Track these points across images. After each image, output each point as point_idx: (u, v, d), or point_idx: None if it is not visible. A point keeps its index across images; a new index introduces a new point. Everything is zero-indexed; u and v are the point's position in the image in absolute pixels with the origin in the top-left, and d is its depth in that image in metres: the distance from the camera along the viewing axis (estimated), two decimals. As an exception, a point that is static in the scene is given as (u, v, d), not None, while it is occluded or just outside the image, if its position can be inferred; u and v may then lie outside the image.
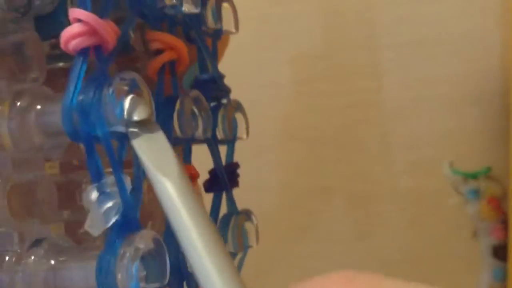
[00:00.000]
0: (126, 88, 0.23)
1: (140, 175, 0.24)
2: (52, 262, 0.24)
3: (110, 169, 0.23)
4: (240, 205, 0.32)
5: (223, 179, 0.31)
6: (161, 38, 0.27)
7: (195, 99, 0.28)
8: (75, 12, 0.23)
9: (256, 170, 0.67)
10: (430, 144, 0.66)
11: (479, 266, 0.62)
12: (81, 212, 0.25)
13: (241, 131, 0.32)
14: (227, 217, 0.31)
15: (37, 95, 0.24)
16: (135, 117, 0.23)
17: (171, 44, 0.28)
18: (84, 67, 0.23)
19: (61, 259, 0.24)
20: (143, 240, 0.23)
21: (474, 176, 0.62)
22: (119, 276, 0.22)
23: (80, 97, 0.23)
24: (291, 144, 0.71)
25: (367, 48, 0.68)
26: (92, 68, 0.24)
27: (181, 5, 0.28)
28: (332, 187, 0.69)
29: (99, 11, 0.24)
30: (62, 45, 0.23)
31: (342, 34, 0.68)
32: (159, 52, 0.28)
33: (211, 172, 0.32)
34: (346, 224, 0.69)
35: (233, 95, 0.33)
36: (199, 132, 0.28)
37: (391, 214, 0.67)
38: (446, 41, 0.66)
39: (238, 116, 0.32)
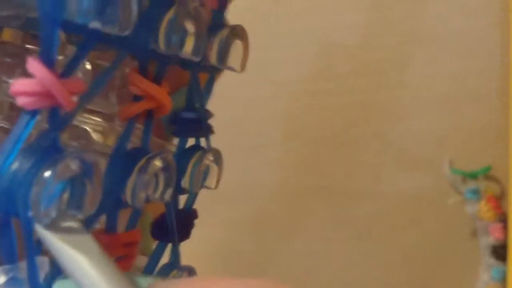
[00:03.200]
0: (75, 170, 0.19)
1: None
2: None
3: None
4: (238, 203, 0.29)
5: (172, 230, 0.28)
6: (143, 86, 0.23)
7: (164, 161, 0.24)
8: (32, 65, 0.18)
9: (254, 169, 0.65)
10: (430, 143, 0.65)
11: (478, 265, 0.62)
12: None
13: (210, 181, 0.28)
14: (167, 270, 0.28)
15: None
16: (70, 212, 0.19)
17: (153, 95, 0.23)
18: (29, 130, 0.19)
19: None
20: None
21: (473, 176, 0.61)
22: None
23: (14, 166, 0.19)
24: (289, 143, 0.69)
25: (366, 47, 0.65)
26: (40, 128, 0.20)
27: (181, 48, 0.23)
28: (331, 186, 0.68)
29: (68, 62, 0.19)
30: (11, 93, 0.19)
31: (340, 33, 0.66)
32: (136, 97, 0.23)
33: (161, 218, 0.28)
34: (344, 223, 0.67)
35: (232, 94, 0.29)
36: (155, 196, 0.24)
37: (391, 214, 0.66)
38: (445, 40, 0.63)
39: (212, 168, 0.28)
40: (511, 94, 0.57)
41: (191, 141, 0.28)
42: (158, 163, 0.24)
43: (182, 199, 0.29)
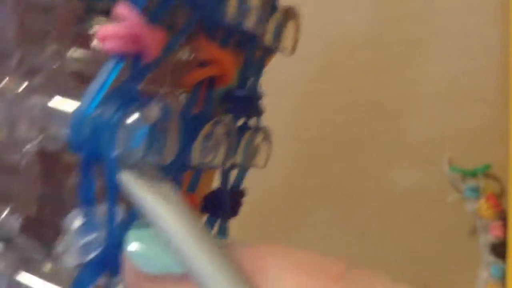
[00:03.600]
0: (155, 117, 0.19)
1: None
2: (9, 271, 0.20)
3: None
4: None
5: (225, 205, 0.28)
6: (211, 51, 0.23)
7: (227, 126, 0.24)
8: (121, 8, 0.19)
9: (254, 169, 0.67)
10: (429, 142, 0.64)
11: (478, 263, 0.61)
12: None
13: (260, 159, 0.29)
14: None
15: (53, 81, 0.20)
16: (152, 158, 0.19)
17: (219, 61, 0.24)
18: (114, 75, 0.19)
19: (21, 272, 0.20)
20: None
21: (473, 174, 0.60)
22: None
23: (98, 110, 0.19)
24: (289, 142, 0.69)
25: (366, 46, 0.66)
26: (123, 75, 0.20)
27: (244, 21, 0.24)
28: (331, 185, 0.68)
29: (151, 13, 0.20)
30: (97, 39, 0.20)
31: (340, 32, 0.66)
32: (202, 63, 0.24)
33: (214, 193, 0.28)
34: (343, 222, 0.67)
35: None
36: (217, 161, 0.25)
37: (390, 212, 0.66)
38: (445, 39, 0.63)
39: (263, 145, 0.28)
40: (511, 93, 0.58)
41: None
42: (221, 129, 0.24)
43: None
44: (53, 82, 0.20)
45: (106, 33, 0.19)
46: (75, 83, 0.21)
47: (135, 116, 0.19)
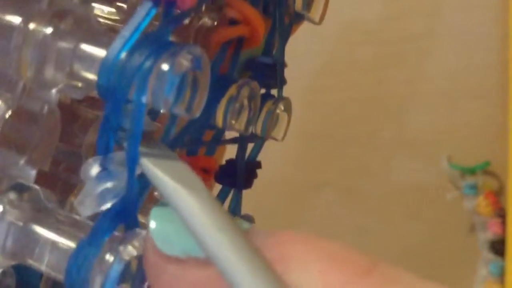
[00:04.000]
0: (188, 66, 0.19)
1: None
2: (24, 220, 0.20)
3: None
4: None
5: (240, 176, 0.27)
6: (242, 8, 0.23)
7: (251, 90, 0.24)
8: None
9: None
10: (429, 139, 0.65)
11: (476, 261, 0.62)
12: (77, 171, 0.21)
13: (278, 131, 0.28)
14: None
15: (81, 26, 0.19)
16: (181, 110, 0.19)
17: (249, 19, 0.23)
18: (149, 19, 0.19)
19: (35, 221, 0.20)
20: (134, 246, 0.19)
21: (472, 171, 0.61)
22: (95, 278, 0.18)
23: (130, 55, 0.18)
24: (288, 139, 0.70)
25: (365, 42, 0.66)
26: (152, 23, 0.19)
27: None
28: (330, 182, 0.68)
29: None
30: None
31: (339, 30, 0.66)
32: (232, 21, 0.23)
33: (229, 164, 0.28)
34: (343, 219, 0.68)
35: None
36: (239, 126, 0.24)
37: (389, 209, 0.66)
38: (444, 36, 0.64)
39: (283, 116, 0.28)
40: (510, 90, 0.57)
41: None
42: (246, 91, 0.23)
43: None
44: (82, 26, 0.19)
45: (143, -24, 0.18)
46: (104, 29, 0.20)
47: (168, 63, 0.18)
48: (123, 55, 0.18)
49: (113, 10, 0.25)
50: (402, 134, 0.67)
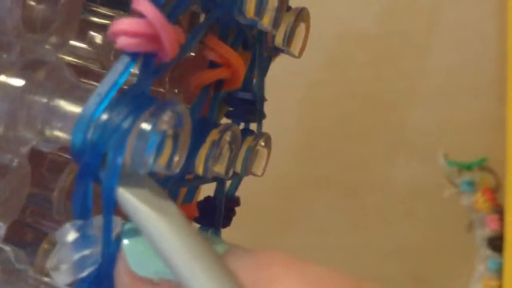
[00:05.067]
0: (169, 124, 0.18)
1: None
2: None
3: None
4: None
5: (219, 216, 0.26)
6: (222, 52, 0.22)
7: (233, 134, 0.23)
8: (140, 4, 0.17)
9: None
10: (426, 135, 0.65)
11: (473, 257, 0.62)
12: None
13: (258, 166, 0.27)
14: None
15: (54, 78, 0.18)
16: (160, 167, 0.18)
17: (230, 63, 0.22)
18: (127, 75, 0.18)
19: (4, 285, 0.18)
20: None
21: (468, 167, 0.61)
22: None
23: (107, 114, 0.17)
24: (286, 135, 0.68)
25: (362, 38, 0.66)
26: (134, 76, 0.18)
27: (260, 20, 0.22)
28: (327, 178, 0.68)
29: (169, 11, 0.18)
30: (109, 34, 0.18)
31: (336, 24, 0.66)
32: (212, 64, 0.22)
33: (207, 202, 0.27)
34: (340, 215, 0.68)
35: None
36: (220, 170, 0.23)
37: (386, 205, 0.66)
38: (442, 31, 0.64)
39: (263, 152, 0.27)
40: (508, 86, 0.57)
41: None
42: (228, 136, 0.23)
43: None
44: (55, 78, 0.18)
45: (123, 29, 0.17)
46: (79, 80, 0.19)
47: (149, 122, 0.17)
48: (100, 113, 0.17)
49: (85, 46, 0.24)
50: (400, 131, 0.66)
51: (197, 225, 0.27)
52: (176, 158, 0.18)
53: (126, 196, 0.17)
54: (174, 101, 0.18)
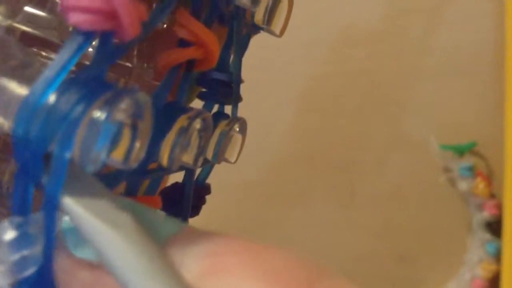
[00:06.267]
0: (127, 114, 0.16)
1: None
2: None
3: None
4: (224, 171, 0.26)
5: (186, 207, 0.24)
6: (194, 29, 0.19)
7: (204, 122, 0.21)
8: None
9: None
10: (418, 116, 0.64)
11: (459, 240, 0.62)
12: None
13: (231, 153, 0.25)
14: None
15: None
16: (116, 161, 0.16)
17: (202, 41, 0.20)
18: (78, 56, 0.15)
19: None
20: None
21: (461, 150, 0.60)
22: None
23: (53, 98, 0.15)
24: (277, 111, 0.68)
25: (357, 17, 0.65)
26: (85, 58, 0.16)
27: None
28: (317, 155, 0.67)
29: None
30: (60, 8, 0.15)
31: (331, 4, 0.66)
32: (183, 42, 0.20)
33: (174, 188, 0.25)
34: (329, 192, 0.67)
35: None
36: (188, 160, 0.21)
37: (375, 184, 0.66)
38: (437, 12, 0.63)
39: (237, 139, 0.25)
40: (507, 68, 0.56)
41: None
42: (198, 123, 0.20)
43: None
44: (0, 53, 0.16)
45: (75, 4, 0.15)
46: (36, 55, 0.17)
47: (103, 109, 0.15)
48: (46, 99, 0.15)
49: (44, 14, 0.21)
50: (391, 110, 0.65)
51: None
52: (134, 151, 0.16)
53: (72, 207, 0.15)
54: (134, 88, 0.16)
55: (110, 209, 0.16)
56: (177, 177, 0.25)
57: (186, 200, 0.24)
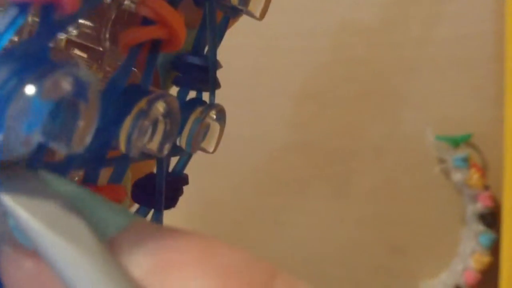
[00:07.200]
0: (65, 90, 0.14)
1: None
2: None
3: None
4: (217, 155, 0.25)
5: (159, 198, 0.23)
6: (156, 7, 0.18)
7: (168, 105, 0.19)
8: None
9: (236, 123, 0.65)
10: (415, 107, 0.64)
11: (452, 231, 0.62)
12: None
13: (208, 142, 0.24)
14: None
15: None
16: (58, 144, 0.15)
17: (165, 20, 0.19)
18: (14, 29, 0.14)
19: None
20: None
21: (456, 142, 0.60)
22: None
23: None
24: (272, 98, 0.68)
25: (356, 6, 0.64)
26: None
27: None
28: (313, 144, 0.67)
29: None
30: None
31: None
32: (146, 20, 0.19)
33: (148, 178, 0.23)
34: (323, 180, 0.67)
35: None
36: (152, 147, 0.20)
37: (369, 174, 0.66)
38: (437, 3, 0.62)
39: (214, 127, 0.24)
40: (507, 60, 0.55)
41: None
42: (160, 107, 0.19)
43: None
44: None
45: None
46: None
47: (35, 85, 0.14)
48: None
49: None
50: (388, 99, 0.65)
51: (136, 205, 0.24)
52: (77, 134, 0.15)
53: (12, 207, 0.14)
54: (76, 63, 0.15)
55: (53, 209, 0.15)
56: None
57: (158, 191, 0.23)
